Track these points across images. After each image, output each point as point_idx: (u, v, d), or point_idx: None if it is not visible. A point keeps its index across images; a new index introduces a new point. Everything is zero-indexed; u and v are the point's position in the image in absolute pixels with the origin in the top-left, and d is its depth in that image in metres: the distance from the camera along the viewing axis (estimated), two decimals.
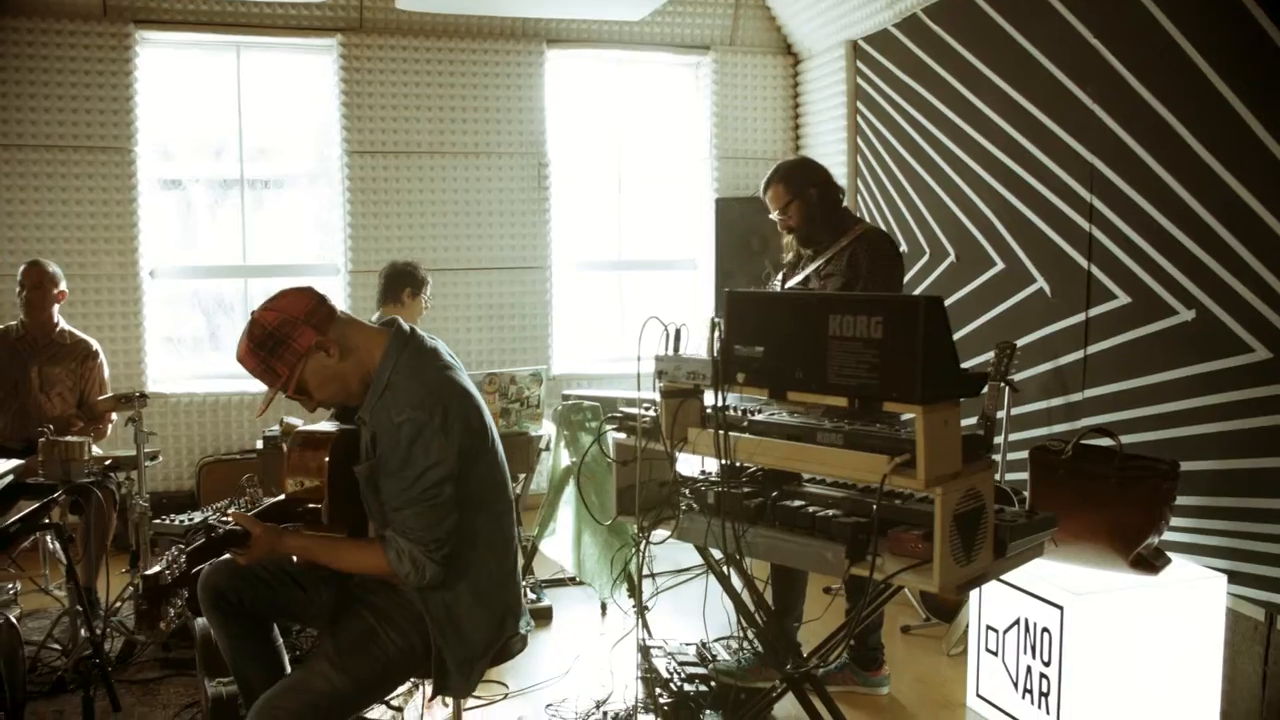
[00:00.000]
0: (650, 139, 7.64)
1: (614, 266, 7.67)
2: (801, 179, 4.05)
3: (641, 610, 4.40)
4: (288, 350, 2.54)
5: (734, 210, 7.19)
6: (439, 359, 2.68)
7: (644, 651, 4.29)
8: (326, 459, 2.61)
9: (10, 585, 2.76)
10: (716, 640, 4.44)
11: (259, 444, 4.69)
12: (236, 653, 2.86)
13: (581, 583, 4.93)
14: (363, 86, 6.75)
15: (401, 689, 3.40)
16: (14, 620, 2.60)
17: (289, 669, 2.93)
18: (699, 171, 7.58)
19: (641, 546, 3.14)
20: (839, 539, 2.70)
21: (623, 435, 3.23)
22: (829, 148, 6.99)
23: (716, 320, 2.86)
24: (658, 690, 3.99)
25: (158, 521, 4.63)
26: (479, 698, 4.09)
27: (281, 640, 2.93)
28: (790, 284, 4.16)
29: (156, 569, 2.27)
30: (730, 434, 2.86)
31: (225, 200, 6.97)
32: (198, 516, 4.77)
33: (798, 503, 2.87)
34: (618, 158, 7.58)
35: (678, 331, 3.02)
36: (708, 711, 3.83)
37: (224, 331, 7.07)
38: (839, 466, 2.72)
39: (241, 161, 6.86)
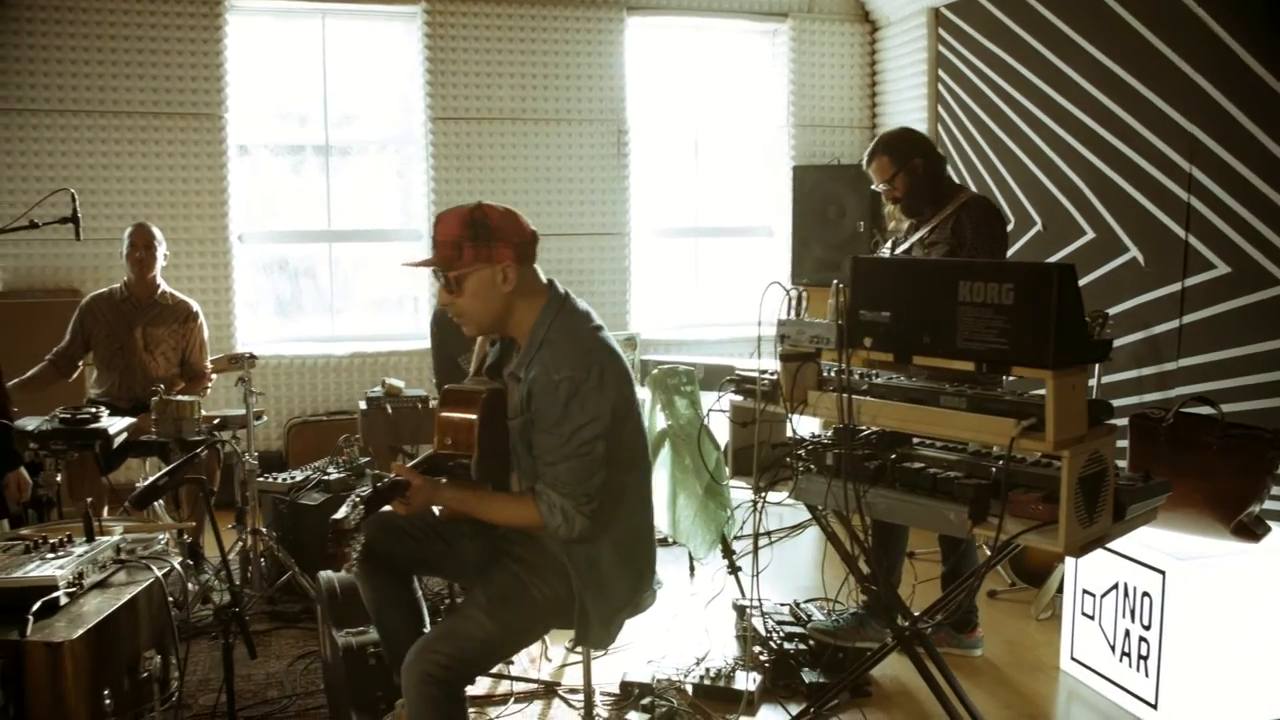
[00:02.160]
0: (727, 106, 7.66)
1: (690, 233, 7.72)
2: (906, 150, 4.08)
3: (735, 570, 4.50)
4: (486, 247, 2.62)
5: (811, 178, 7.20)
6: (591, 320, 2.76)
7: (740, 611, 4.39)
8: (477, 415, 2.71)
9: (161, 536, 2.88)
10: (808, 601, 4.53)
11: (362, 404, 4.81)
12: (379, 602, 2.98)
13: (675, 543, 5.02)
14: (446, 53, 6.83)
15: None
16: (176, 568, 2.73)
17: (427, 618, 3.06)
18: (776, 139, 7.61)
19: (759, 506, 3.22)
20: (961, 500, 2.76)
21: (740, 397, 3.31)
22: (908, 116, 6.98)
23: (841, 285, 2.92)
24: (757, 648, 4.09)
25: (260, 480, 4.79)
26: (578, 653, 4.20)
27: (420, 592, 3.05)
28: (897, 253, 4.20)
29: (341, 514, 2.39)
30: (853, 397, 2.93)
31: (310, 166, 7.08)
32: (298, 475, 4.91)
33: (918, 464, 2.93)
34: (695, 125, 7.61)
35: (799, 296, 3.07)
36: (805, 670, 3.92)
37: (308, 296, 7.20)
38: (964, 429, 2.78)
39: (326, 127, 6.97)
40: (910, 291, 2.81)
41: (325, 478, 4.79)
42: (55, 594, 2.31)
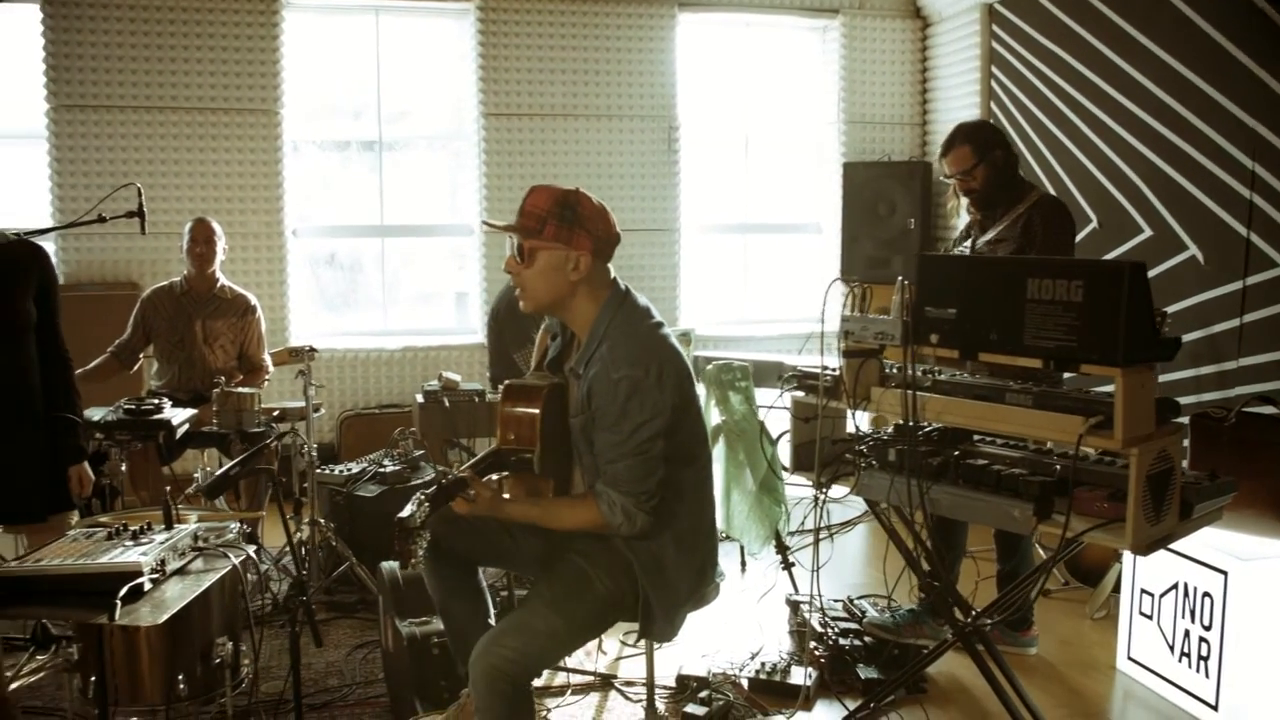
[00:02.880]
0: (777, 102, 7.66)
1: (740, 230, 7.73)
2: (987, 141, 4.02)
3: (789, 566, 4.52)
4: (568, 229, 2.65)
5: (861, 174, 7.20)
6: (651, 317, 2.78)
7: (794, 606, 4.40)
8: (539, 410, 2.73)
9: (233, 525, 2.94)
10: (862, 597, 4.54)
11: (418, 398, 4.86)
12: (444, 593, 3.02)
13: (728, 538, 5.04)
14: (499, 49, 6.87)
15: None
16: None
17: (492, 610, 3.09)
18: (826, 135, 7.60)
19: (820, 501, 3.23)
20: (1026, 497, 2.76)
21: (801, 393, 3.32)
22: (959, 113, 6.95)
23: (906, 282, 2.92)
24: (812, 644, 4.10)
25: (317, 472, 4.85)
26: (633, 647, 4.23)
27: (485, 584, 3.09)
28: (960, 250, 4.19)
29: (407, 512, 2.42)
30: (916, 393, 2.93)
31: (362, 161, 7.15)
32: (354, 467, 4.97)
33: (981, 461, 2.94)
34: (745, 121, 7.62)
35: (864, 292, 3.08)
36: (861, 665, 3.92)
37: (361, 290, 7.27)
38: (1030, 426, 2.78)
39: (379, 123, 7.03)
40: (977, 288, 2.82)
41: (381, 470, 4.85)
42: (140, 580, 2.36)
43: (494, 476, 2.73)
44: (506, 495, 2.80)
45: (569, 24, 6.97)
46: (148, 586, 2.41)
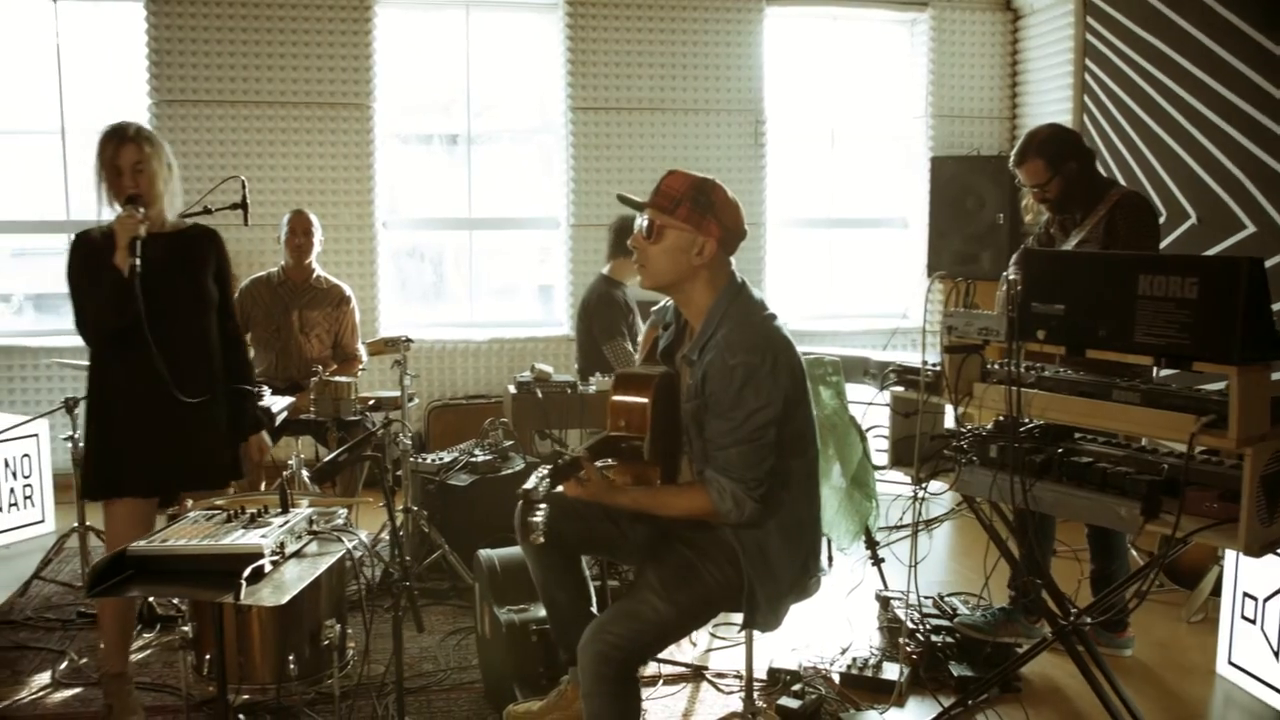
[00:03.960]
0: (864, 96, 7.61)
1: (825, 224, 7.69)
2: (1060, 152, 3.95)
3: (879, 562, 4.49)
4: (700, 214, 2.71)
5: (949, 169, 7.12)
6: (766, 309, 2.80)
7: (884, 602, 4.39)
8: (650, 399, 2.76)
9: (342, 510, 3.01)
10: (951, 595, 4.51)
11: (511, 388, 4.92)
12: (548, 581, 3.07)
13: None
14: (587, 44, 6.92)
15: None
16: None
17: (594, 598, 3.13)
18: (913, 129, 7.53)
19: (918, 496, 3.22)
20: (1133, 495, 2.73)
21: (901, 388, 3.31)
22: (1051, 106, 6.86)
23: (1012, 278, 2.90)
24: (903, 640, 4.08)
25: (411, 460, 4.93)
26: (722, 638, 4.25)
27: (588, 571, 3.13)
28: None
29: (530, 484, 2.48)
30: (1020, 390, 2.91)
31: (450, 155, 7.25)
32: (446, 456, 5.04)
33: (1086, 459, 2.91)
34: (831, 115, 7.58)
35: (969, 286, 3.06)
36: (952, 664, 3.90)
37: (449, 282, 7.37)
38: (1139, 424, 2.75)
39: (469, 118, 7.11)
40: (1086, 284, 2.79)
41: (472, 459, 4.92)
42: (261, 562, 2.43)
43: (603, 462, 2.77)
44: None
45: (657, 18, 7.00)
46: (268, 568, 2.48)
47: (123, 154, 3.34)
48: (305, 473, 5.08)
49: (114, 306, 3.27)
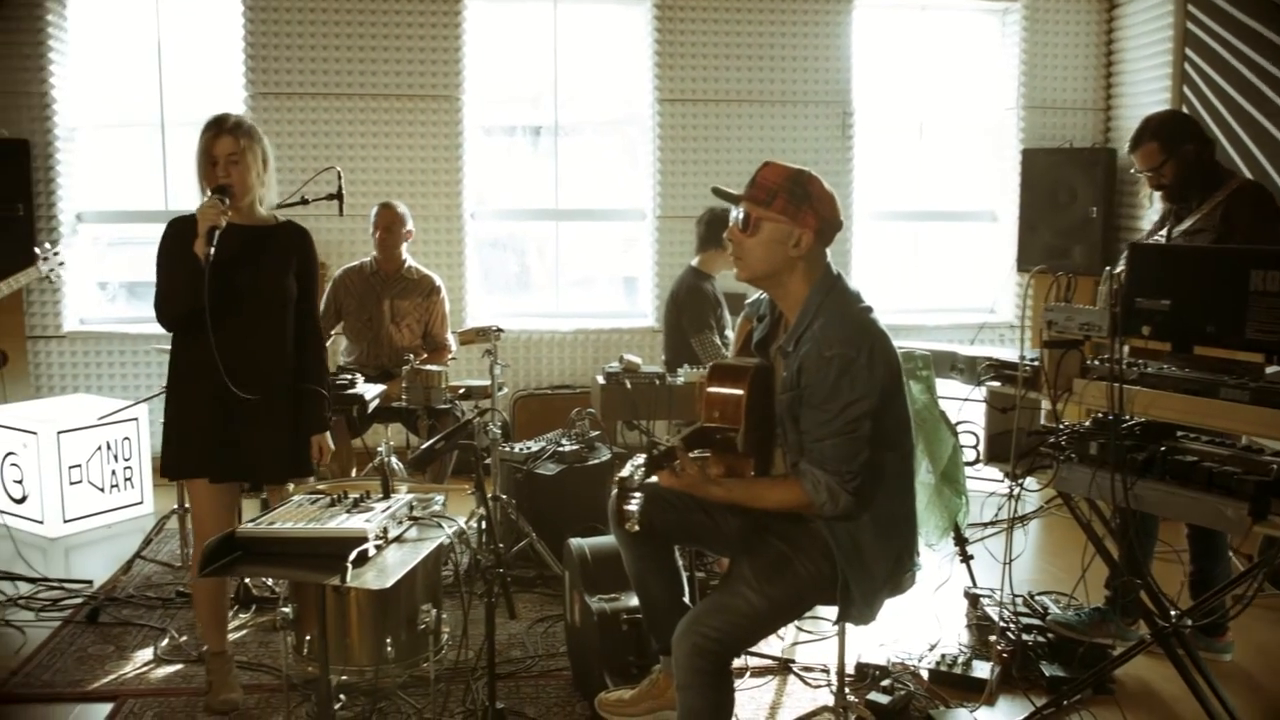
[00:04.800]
0: (953, 87, 7.50)
1: (911, 217, 7.60)
2: (1176, 135, 3.88)
3: (968, 559, 4.44)
4: (797, 206, 2.71)
5: (1041, 161, 7.01)
6: (861, 301, 2.79)
7: (973, 599, 4.34)
8: (745, 390, 2.77)
9: (438, 497, 3.06)
10: (1041, 593, 4.45)
11: (599, 379, 4.94)
12: (641, 570, 3.09)
13: None
14: (675, 35, 6.92)
15: None
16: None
17: (687, 588, 3.15)
18: (1004, 121, 7.41)
19: (1014, 492, 3.18)
20: (1240, 495, 2.66)
21: (998, 383, 3.27)
22: (1149, 96, 6.71)
23: (1115, 272, 2.85)
24: (993, 638, 4.03)
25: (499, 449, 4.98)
26: (809, 632, 4.24)
27: (681, 562, 3.15)
28: (1155, 240, 4.05)
29: (626, 472, 2.49)
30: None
31: (538, 146, 7.30)
32: (533, 446, 5.08)
33: (1190, 457, 2.85)
34: (919, 106, 7.49)
35: (1070, 281, 3.01)
36: (1043, 663, 3.85)
37: (534, 273, 7.43)
38: (1247, 423, 2.69)
39: (555, 109, 7.15)
40: (1194, 279, 2.74)
41: (560, 449, 4.95)
42: (365, 546, 2.48)
43: (697, 453, 2.77)
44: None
45: (745, 9, 6.97)
46: (371, 552, 2.52)
47: (218, 144, 3.41)
48: (394, 459, 5.17)
49: (184, 293, 3.33)
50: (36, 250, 4.44)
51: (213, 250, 3.26)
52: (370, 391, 4.71)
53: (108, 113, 6.90)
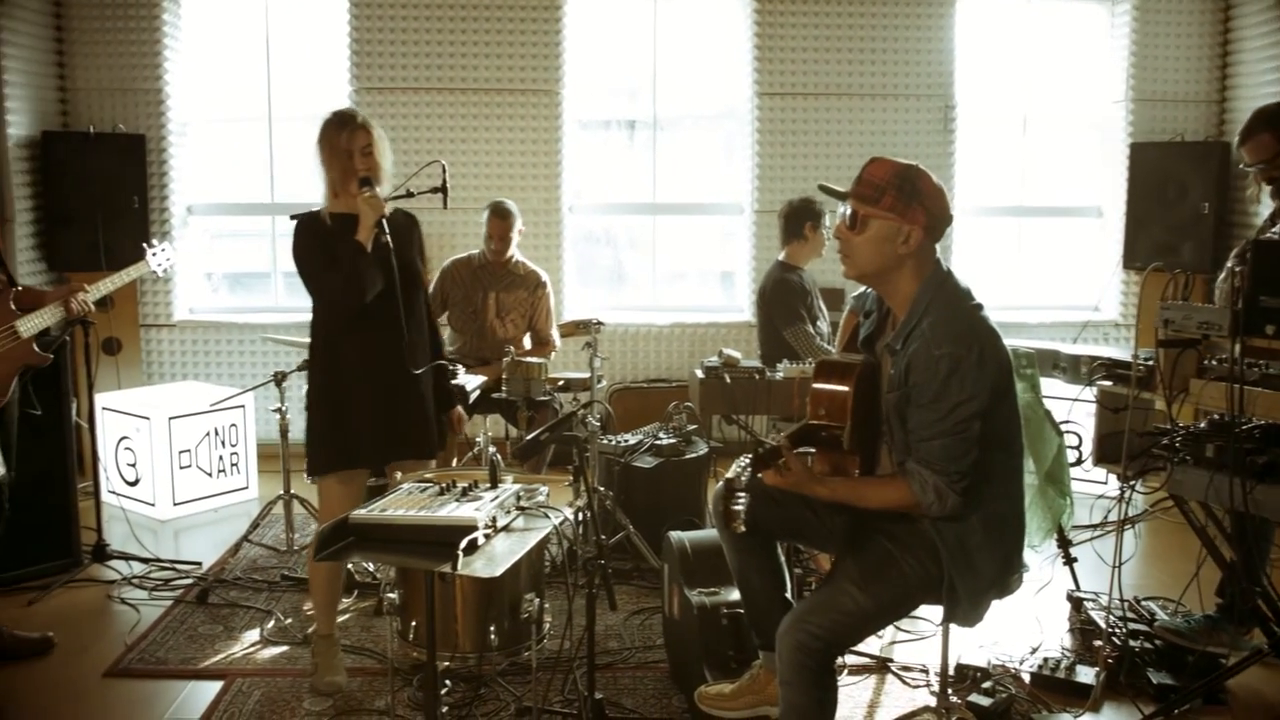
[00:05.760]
0: (1059, 80, 7.34)
1: (1014, 212, 7.46)
2: None
3: (1071, 561, 4.36)
4: (906, 203, 2.68)
5: (1150, 155, 6.82)
6: (972, 298, 2.75)
7: (1076, 603, 4.26)
8: (851, 388, 2.75)
9: (542, 488, 3.09)
10: (1148, 599, 4.34)
11: (698, 373, 4.94)
12: (744, 566, 3.10)
13: None
14: (775, 29, 6.89)
15: None
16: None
17: (790, 585, 3.14)
18: (1111, 115, 7.23)
19: (1125, 495, 3.11)
20: None
21: (1109, 383, 3.20)
22: (1266, 88, 6.49)
23: (1236, 270, 2.77)
24: (1098, 643, 3.96)
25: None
26: (907, 631, 4.20)
27: (784, 558, 3.14)
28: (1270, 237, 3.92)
29: (733, 472, 2.50)
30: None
31: (631, 140, 7.32)
32: (631, 439, 5.10)
33: None
34: (1024, 100, 7.34)
35: (1188, 279, 2.94)
36: (1150, 670, 3.76)
37: (630, 266, 7.45)
38: None
39: (654, 103, 7.17)
40: None
41: (657, 442, 4.97)
42: (475, 534, 2.52)
43: (802, 451, 2.76)
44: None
45: (846, 1, 6.90)
46: (481, 541, 2.56)
47: (355, 138, 3.51)
48: (493, 449, 5.23)
49: (361, 283, 3.46)
50: (145, 246, 4.57)
51: (389, 238, 3.44)
52: (472, 382, 4.76)
53: (218, 108, 7.09)
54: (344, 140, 3.51)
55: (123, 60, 6.70)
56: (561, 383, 5.03)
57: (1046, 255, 7.55)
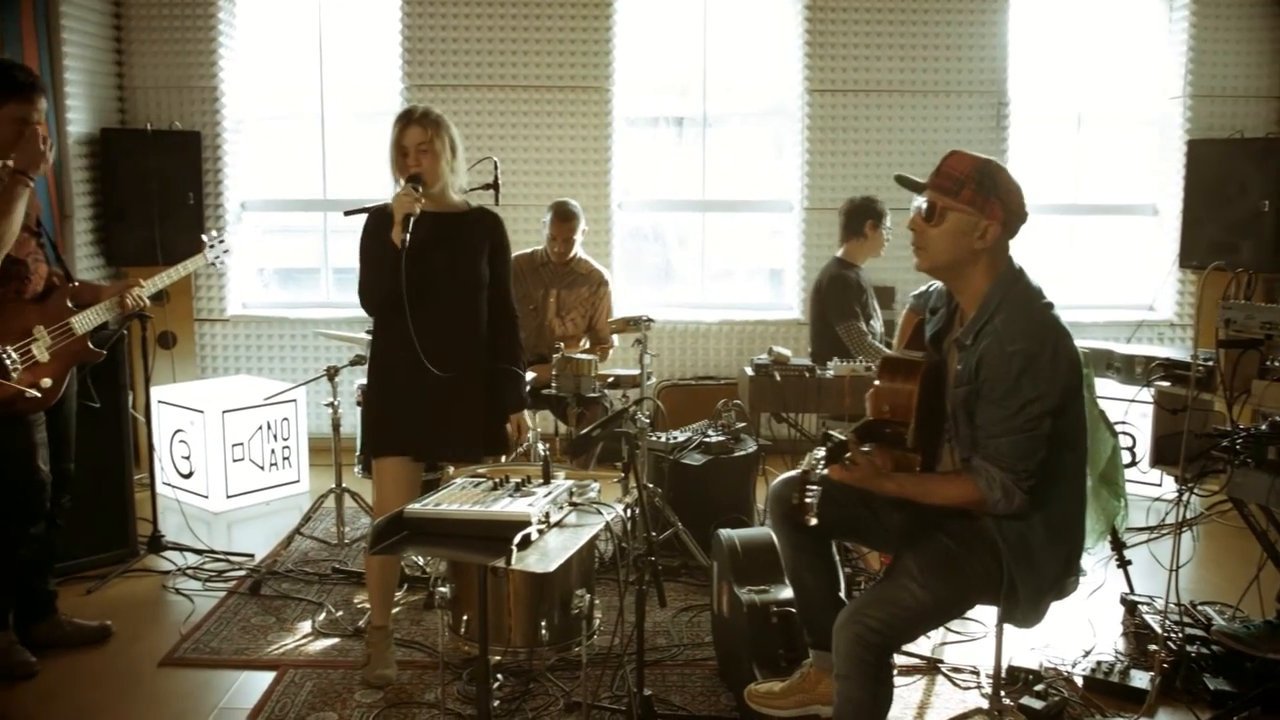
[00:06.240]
0: (1114, 76, 7.24)
1: (1067, 210, 7.37)
2: None
3: (1125, 564, 4.30)
4: (984, 197, 2.67)
5: (1208, 153, 6.71)
6: (1044, 295, 2.74)
7: (1130, 606, 4.21)
8: (916, 385, 2.73)
9: (594, 484, 3.09)
10: (1204, 603, 4.28)
11: (748, 370, 4.93)
12: (798, 564, 3.09)
13: None
14: (826, 25, 6.85)
15: None
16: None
17: (843, 584, 3.12)
18: (1168, 111, 7.13)
19: (1184, 497, 3.07)
20: None
21: (1167, 383, 3.16)
22: None
23: None
24: (1153, 647, 3.90)
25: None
26: (957, 632, 4.16)
27: (838, 556, 3.13)
28: None
29: (806, 465, 2.49)
30: None
31: (678, 137, 7.31)
32: (679, 436, 5.10)
33: None
34: (1078, 96, 7.24)
35: (1251, 278, 2.89)
36: (1207, 676, 3.70)
37: (677, 263, 7.44)
38: None
39: (704, 99, 7.15)
40: None
41: (706, 440, 4.96)
42: (529, 529, 2.53)
43: (864, 447, 2.75)
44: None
45: None
46: (534, 536, 2.57)
47: (408, 134, 3.52)
48: (541, 445, 5.24)
49: (382, 279, 3.46)
50: (204, 238, 4.63)
51: (409, 237, 3.38)
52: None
53: (272, 105, 7.17)
54: (399, 135, 3.54)
55: (179, 59, 6.79)
56: (611, 379, 5.03)
57: (1100, 254, 7.46)
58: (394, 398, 3.62)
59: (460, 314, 3.64)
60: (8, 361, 3.58)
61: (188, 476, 5.92)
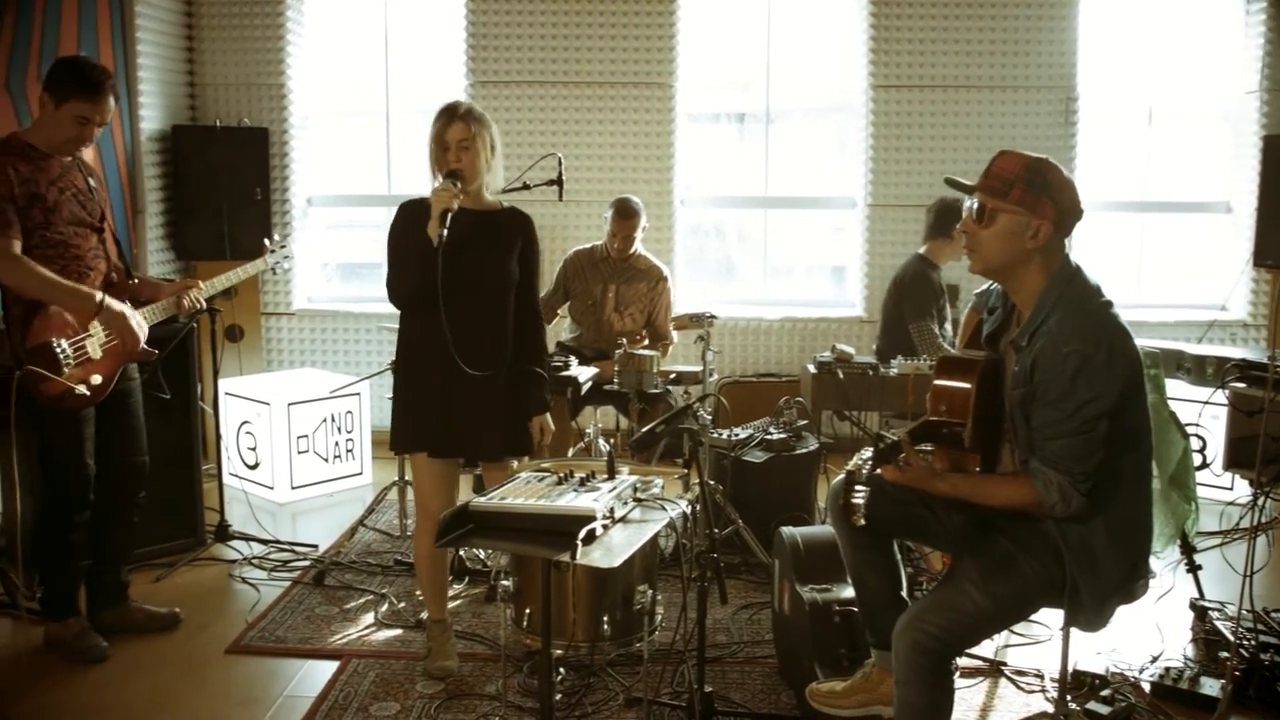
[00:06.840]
0: (1187, 71, 7.09)
1: (1138, 208, 7.25)
2: None
3: (1195, 569, 4.23)
4: (1035, 196, 2.63)
5: None
6: (1102, 295, 2.69)
7: (1200, 612, 4.13)
8: (974, 385, 2.70)
9: (657, 480, 3.09)
10: (1276, 610, 4.19)
11: (810, 368, 4.91)
12: (859, 563, 3.07)
13: None
14: (890, 20, 6.80)
15: None
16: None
17: (905, 583, 3.10)
18: (1243, 106, 6.97)
19: (1259, 501, 3.01)
20: None
21: (1242, 385, 3.09)
22: None
23: None
24: (1224, 654, 3.82)
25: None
26: (1021, 635, 4.11)
27: (900, 556, 3.10)
28: None
29: (854, 466, 2.48)
30: None
31: (740, 132, 7.28)
32: (741, 433, 5.08)
33: None
34: (1149, 91, 7.11)
35: None
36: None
37: (739, 260, 7.43)
38: None
39: (767, 95, 7.13)
40: None
41: (767, 437, 4.95)
42: (593, 524, 2.54)
43: (921, 447, 2.72)
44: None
45: None
46: (599, 531, 2.58)
47: (450, 131, 3.52)
48: (601, 441, 5.27)
49: (415, 273, 3.45)
50: (265, 242, 4.69)
51: (445, 232, 3.37)
52: (584, 374, 4.80)
53: (338, 102, 7.26)
54: (441, 130, 3.54)
55: (248, 56, 6.91)
56: (673, 376, 5.03)
57: (1171, 252, 7.32)
58: (423, 393, 3.61)
59: (490, 312, 3.62)
60: (60, 355, 3.60)
61: (254, 467, 6.01)
